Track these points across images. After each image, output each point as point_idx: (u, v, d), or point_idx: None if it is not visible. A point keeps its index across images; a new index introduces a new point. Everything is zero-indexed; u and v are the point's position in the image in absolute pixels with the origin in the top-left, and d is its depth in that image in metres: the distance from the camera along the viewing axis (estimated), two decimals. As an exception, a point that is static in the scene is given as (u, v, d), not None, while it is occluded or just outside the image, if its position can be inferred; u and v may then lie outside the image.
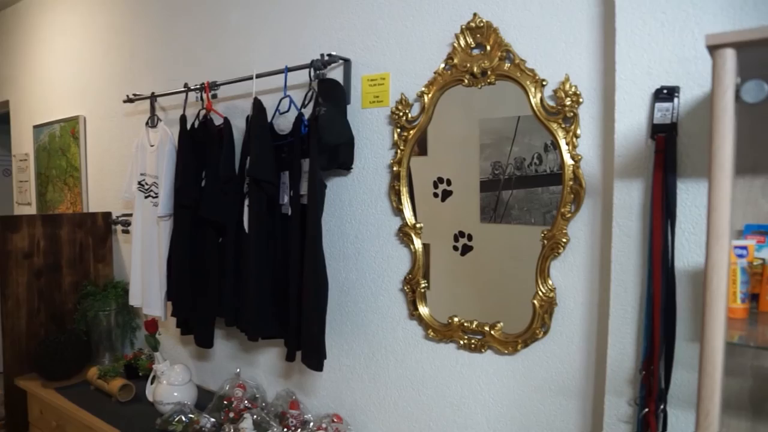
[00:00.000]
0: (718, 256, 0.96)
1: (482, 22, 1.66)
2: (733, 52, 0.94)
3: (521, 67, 1.59)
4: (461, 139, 1.77)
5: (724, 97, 0.94)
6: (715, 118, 0.94)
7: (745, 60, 0.97)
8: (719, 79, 0.94)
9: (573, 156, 1.52)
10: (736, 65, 0.94)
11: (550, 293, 1.58)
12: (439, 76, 1.76)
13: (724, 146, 0.94)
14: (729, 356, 1.33)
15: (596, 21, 1.51)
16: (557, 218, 1.55)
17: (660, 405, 1.36)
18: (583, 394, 1.59)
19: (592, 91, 1.51)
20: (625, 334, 1.42)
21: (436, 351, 1.87)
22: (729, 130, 0.94)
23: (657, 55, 1.35)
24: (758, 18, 1.26)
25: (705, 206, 1.02)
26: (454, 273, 1.82)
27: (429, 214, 1.85)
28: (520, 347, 1.66)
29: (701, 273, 1.00)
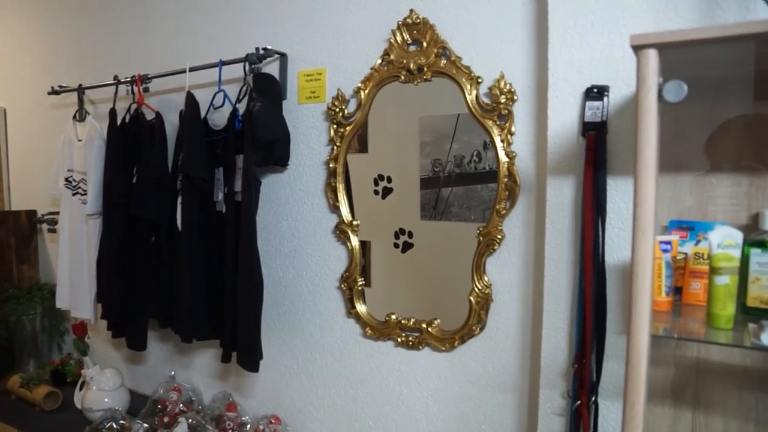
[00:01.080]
0: (643, 251, 0.98)
1: (419, 19, 1.66)
2: (655, 52, 0.96)
3: (457, 64, 1.60)
4: (401, 136, 1.76)
5: (648, 96, 0.96)
6: (640, 116, 0.96)
7: (668, 61, 0.99)
8: (643, 78, 0.96)
9: (508, 153, 1.54)
10: (659, 66, 0.97)
11: (486, 289, 1.60)
12: (375, 72, 1.74)
13: (648, 144, 0.96)
14: (654, 348, 1.37)
15: (530, 20, 1.53)
16: (492, 215, 1.57)
17: (591, 397, 1.39)
18: (519, 388, 1.61)
19: (527, 89, 1.53)
20: (559, 328, 1.45)
21: (374, 349, 1.86)
22: (653, 128, 0.96)
23: (588, 55, 1.38)
24: (680, 22, 1.30)
25: (632, 202, 1.04)
26: (395, 270, 1.81)
27: (370, 212, 1.84)
28: (457, 344, 1.67)
29: (629, 268, 1.02)
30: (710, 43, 0.95)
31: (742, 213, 1.29)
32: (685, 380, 1.36)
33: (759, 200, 1.27)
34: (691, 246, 1.28)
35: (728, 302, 1.11)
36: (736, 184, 1.29)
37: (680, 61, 1.08)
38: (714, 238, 1.14)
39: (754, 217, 1.26)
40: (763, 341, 1.03)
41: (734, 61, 1.16)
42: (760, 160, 1.27)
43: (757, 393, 1.30)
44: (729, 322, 1.12)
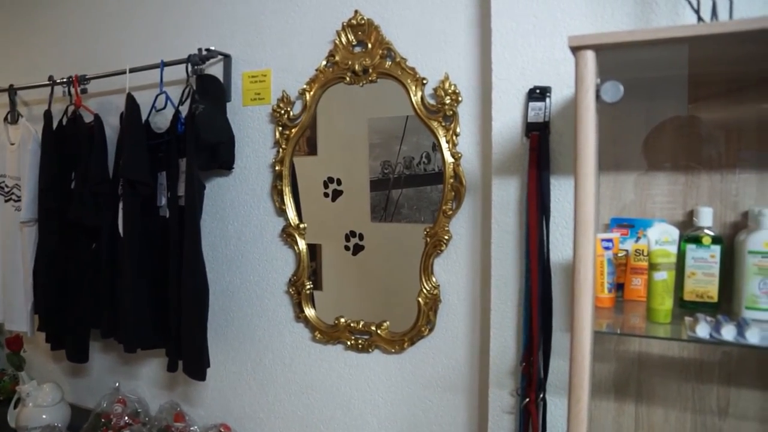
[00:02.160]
0: (585, 249, 0.99)
1: (363, 20, 1.65)
2: (592, 53, 0.97)
3: (402, 66, 1.60)
4: (351, 138, 1.75)
5: (586, 97, 0.98)
6: (579, 116, 0.98)
7: (607, 63, 1.01)
8: (581, 79, 0.98)
9: (453, 154, 1.55)
10: (597, 67, 0.98)
11: (434, 290, 1.60)
12: (320, 74, 1.73)
13: (587, 144, 0.98)
14: (598, 343, 1.40)
15: (474, 22, 1.54)
16: (439, 216, 1.57)
17: (540, 394, 1.41)
18: (468, 388, 1.62)
19: (471, 90, 1.54)
20: (506, 327, 1.47)
21: (323, 353, 1.84)
22: (591, 128, 0.98)
23: (530, 57, 1.40)
24: (617, 25, 1.34)
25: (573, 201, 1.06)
26: (346, 273, 1.80)
27: (320, 214, 1.82)
28: (406, 345, 1.67)
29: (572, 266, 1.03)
30: (643, 46, 0.97)
31: (679, 210, 1.33)
32: (628, 374, 1.40)
33: (694, 197, 1.32)
34: (631, 243, 1.31)
35: (666, 297, 1.15)
36: (673, 183, 1.33)
37: (618, 63, 1.10)
38: (652, 235, 1.17)
39: (689, 213, 1.31)
40: (699, 333, 1.07)
41: (669, 64, 1.20)
42: (694, 159, 1.32)
43: (694, 383, 1.35)
44: (667, 317, 1.15)
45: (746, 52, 1.09)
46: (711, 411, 1.34)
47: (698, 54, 1.09)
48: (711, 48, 1.03)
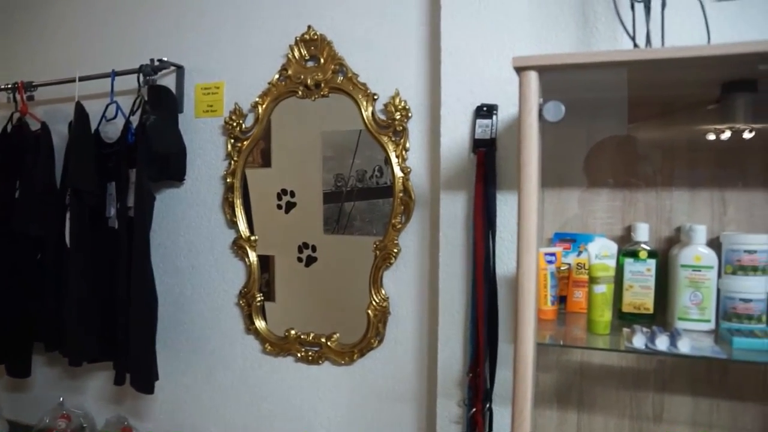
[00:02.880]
0: (527, 263, 1.03)
1: (316, 35, 1.67)
2: (535, 74, 1.02)
3: (354, 81, 1.62)
4: (304, 151, 1.76)
5: (530, 115, 1.02)
6: (522, 134, 1.02)
7: (552, 83, 1.05)
8: (524, 98, 1.02)
9: (403, 169, 1.58)
10: (540, 86, 1.03)
11: (384, 302, 1.62)
12: (273, 87, 1.74)
13: (530, 161, 1.02)
14: (542, 355, 1.44)
15: (424, 40, 1.58)
16: (388, 229, 1.60)
17: (486, 404, 1.44)
18: (417, 398, 1.64)
19: (421, 107, 1.58)
20: (453, 338, 1.50)
21: (274, 365, 1.83)
22: (534, 145, 1.02)
23: (478, 75, 1.45)
24: (561, 48, 1.39)
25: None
26: (298, 284, 1.80)
27: (273, 226, 1.82)
28: (356, 357, 1.68)
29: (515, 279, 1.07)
30: (583, 68, 1.02)
31: (618, 225, 1.39)
32: (570, 384, 1.44)
33: (631, 214, 1.38)
34: (573, 257, 1.36)
35: (605, 309, 1.19)
36: (612, 199, 1.39)
37: (564, 84, 1.15)
38: (592, 249, 1.22)
39: (627, 229, 1.36)
40: (635, 344, 1.11)
41: (611, 86, 1.25)
42: (631, 177, 1.38)
43: (632, 391, 1.40)
44: (606, 328, 1.19)
45: (677, 77, 1.16)
46: (647, 417, 1.40)
47: (637, 77, 1.14)
48: (646, 72, 1.09)
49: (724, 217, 1.33)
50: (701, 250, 1.23)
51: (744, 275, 1.22)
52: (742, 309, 1.22)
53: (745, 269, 1.22)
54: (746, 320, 1.22)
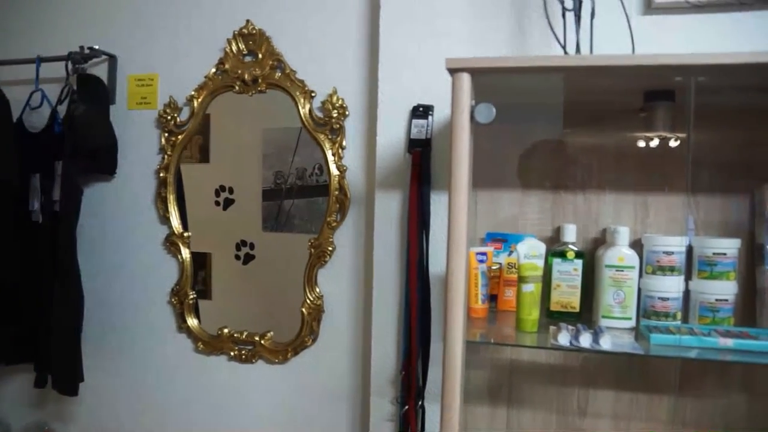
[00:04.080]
0: (457, 262, 1.05)
1: (255, 30, 1.65)
2: (468, 76, 1.04)
3: (291, 78, 1.61)
4: (244, 147, 1.74)
5: (461, 117, 1.03)
6: (453, 135, 1.03)
7: (489, 86, 1.08)
8: (457, 99, 1.04)
9: (339, 167, 1.58)
10: (473, 89, 1.04)
11: (318, 301, 1.62)
12: (210, 81, 1.71)
13: (460, 161, 1.04)
14: (474, 353, 1.47)
15: (363, 40, 1.59)
16: (323, 227, 1.60)
17: (418, 402, 1.45)
18: (351, 396, 1.65)
19: (358, 105, 1.58)
20: (387, 337, 1.51)
21: (207, 364, 1.80)
22: (465, 146, 1.04)
23: (415, 76, 1.46)
24: (496, 52, 1.42)
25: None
26: (236, 282, 1.78)
27: (210, 223, 1.79)
28: (290, 355, 1.67)
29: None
30: (515, 72, 1.05)
31: (547, 226, 1.43)
32: (501, 380, 1.48)
33: (560, 215, 1.42)
34: (504, 257, 1.39)
35: (533, 308, 1.22)
36: (543, 201, 1.43)
37: (501, 87, 1.18)
38: (521, 249, 1.25)
39: (557, 230, 1.41)
40: (560, 341, 1.15)
41: (545, 91, 1.29)
42: (561, 180, 1.42)
43: (559, 387, 1.45)
44: (534, 326, 1.23)
45: (606, 85, 1.20)
46: (572, 411, 1.45)
47: (569, 84, 1.18)
48: (577, 78, 1.13)
49: (647, 220, 1.40)
50: (624, 251, 1.29)
51: (662, 275, 1.28)
52: (660, 307, 1.28)
53: (663, 269, 1.28)
54: (664, 317, 1.28)
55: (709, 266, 1.29)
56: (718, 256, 1.29)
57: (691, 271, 1.32)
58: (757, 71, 0.97)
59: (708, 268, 1.29)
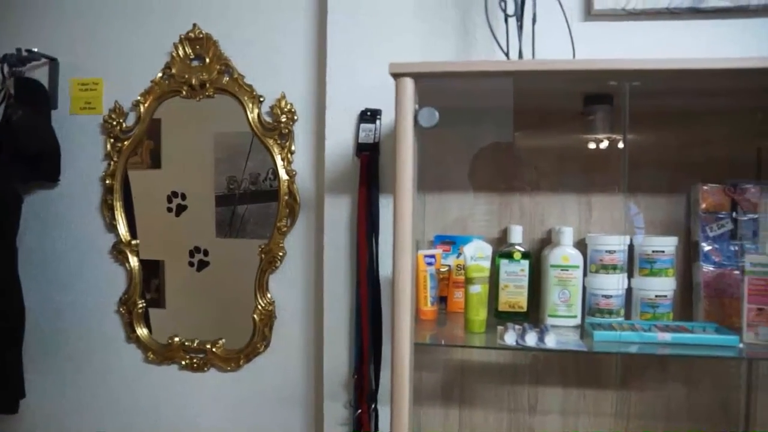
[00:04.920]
0: (403, 265, 1.06)
1: (202, 34, 1.63)
2: (411, 80, 1.05)
3: (240, 82, 1.60)
4: (196, 153, 1.71)
5: (405, 121, 1.04)
6: (398, 139, 1.04)
7: (430, 89, 1.09)
8: (400, 104, 1.05)
9: (288, 171, 1.58)
10: (416, 93, 1.06)
11: (270, 306, 1.61)
12: (156, 86, 1.68)
13: (405, 165, 1.05)
14: (424, 354, 1.49)
15: (311, 44, 1.59)
16: (274, 232, 1.59)
17: (371, 404, 1.46)
18: (305, 401, 1.64)
19: (307, 110, 1.58)
20: (339, 341, 1.51)
21: (157, 374, 1.76)
22: (409, 150, 1.05)
23: (362, 80, 1.47)
24: (442, 57, 1.45)
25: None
26: (189, 290, 1.74)
27: (162, 230, 1.75)
28: (242, 362, 1.65)
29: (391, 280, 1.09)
30: (457, 76, 1.07)
31: (495, 228, 1.46)
32: (452, 381, 1.49)
33: (507, 217, 1.45)
34: (453, 259, 1.41)
35: (481, 309, 1.24)
36: (490, 203, 1.46)
37: (451, 91, 1.20)
38: (467, 251, 1.27)
39: (504, 231, 1.43)
40: (507, 341, 1.17)
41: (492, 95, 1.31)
42: (508, 182, 1.45)
43: (509, 386, 1.48)
44: (482, 327, 1.25)
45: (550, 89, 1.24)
46: (523, 409, 1.48)
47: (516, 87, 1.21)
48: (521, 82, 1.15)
49: (590, 220, 1.44)
50: (569, 250, 1.32)
51: (606, 273, 1.32)
52: (603, 304, 1.32)
53: (606, 268, 1.32)
54: (607, 315, 1.32)
55: (649, 263, 1.34)
56: (657, 253, 1.33)
57: (633, 268, 1.36)
58: (687, 76, 1.01)
59: (648, 265, 1.34)
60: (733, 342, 1.17)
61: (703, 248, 1.35)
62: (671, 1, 1.36)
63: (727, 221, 1.34)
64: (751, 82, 1.10)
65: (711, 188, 1.35)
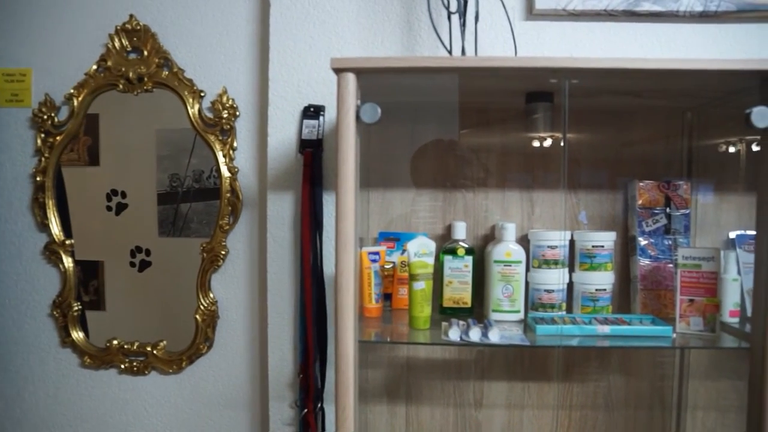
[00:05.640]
0: (346, 261, 1.04)
1: (139, 25, 1.57)
2: (353, 76, 1.03)
3: (179, 77, 1.55)
4: (136, 149, 1.65)
5: (347, 116, 1.03)
6: (340, 134, 1.03)
7: (372, 86, 1.08)
8: (342, 99, 1.03)
9: (230, 168, 1.55)
10: (358, 88, 1.05)
11: (212, 306, 1.57)
12: (91, 79, 1.61)
13: (347, 161, 1.03)
14: (370, 352, 1.48)
15: (253, 38, 1.56)
16: (216, 231, 1.55)
17: (317, 404, 1.44)
18: (250, 403, 1.61)
19: (249, 106, 1.55)
20: (284, 340, 1.49)
21: (95, 379, 1.69)
22: (351, 146, 1.03)
23: (306, 76, 1.45)
24: (385, 52, 1.44)
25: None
26: (131, 291, 1.68)
27: (101, 229, 1.68)
28: (185, 364, 1.61)
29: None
30: (399, 72, 1.06)
31: (439, 224, 1.46)
32: (398, 378, 1.50)
33: (451, 213, 1.46)
34: (398, 255, 1.41)
35: (425, 305, 1.25)
36: (434, 199, 1.46)
37: (396, 88, 1.19)
38: (411, 248, 1.27)
39: (448, 228, 1.44)
40: (450, 337, 1.18)
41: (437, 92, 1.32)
42: (452, 178, 1.46)
43: (455, 381, 1.49)
44: (426, 323, 1.25)
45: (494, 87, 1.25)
46: (469, 404, 1.49)
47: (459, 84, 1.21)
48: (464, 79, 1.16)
49: (532, 216, 1.46)
50: (511, 246, 1.34)
51: (548, 268, 1.35)
52: (546, 299, 1.34)
53: (548, 263, 1.35)
54: (549, 309, 1.34)
55: (589, 258, 1.37)
56: (597, 248, 1.37)
57: (574, 263, 1.39)
58: (620, 75, 1.03)
59: (588, 260, 1.37)
60: (667, 332, 1.21)
61: (640, 242, 1.39)
62: (609, 3, 1.40)
63: (661, 216, 1.39)
64: (681, 82, 1.14)
65: (647, 185, 1.39)
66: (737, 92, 1.18)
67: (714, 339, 1.20)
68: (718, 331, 1.20)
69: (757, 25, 1.42)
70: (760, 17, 1.40)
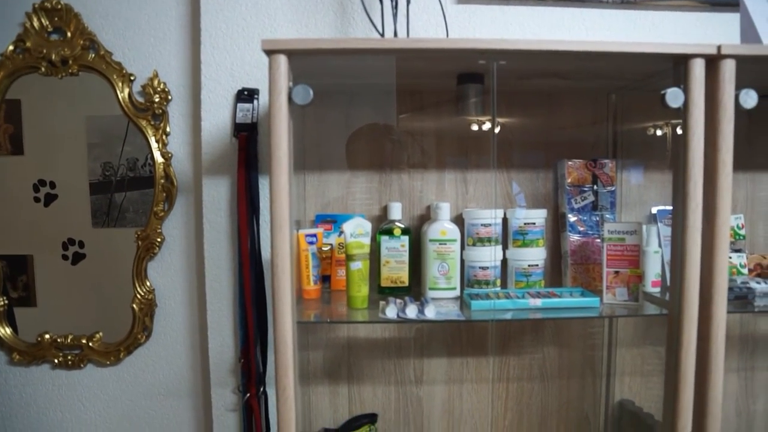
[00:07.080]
0: (281, 244, 1.05)
1: (60, 5, 1.51)
2: (285, 57, 1.03)
3: (107, 60, 1.50)
4: (65, 137, 1.58)
5: (279, 99, 1.03)
6: (272, 117, 1.03)
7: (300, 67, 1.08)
8: (274, 81, 1.03)
9: (164, 154, 1.51)
10: (289, 70, 1.04)
11: (149, 295, 1.55)
12: (8, 60, 1.53)
13: (280, 144, 1.03)
14: (311, 333, 1.49)
15: (184, 20, 1.52)
16: (150, 218, 1.52)
17: (260, 388, 1.45)
18: (192, 390, 1.60)
19: (182, 89, 1.52)
20: (223, 326, 1.48)
21: (27, 376, 1.64)
22: (284, 128, 1.03)
23: (239, 58, 1.43)
24: (318, 34, 1.44)
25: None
26: (64, 284, 1.62)
27: (29, 222, 1.61)
28: (123, 355, 1.58)
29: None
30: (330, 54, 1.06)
31: (375, 206, 1.48)
32: (339, 359, 1.51)
33: (387, 194, 1.48)
34: (335, 237, 1.42)
35: (362, 285, 1.26)
36: (370, 181, 1.48)
37: (331, 70, 1.19)
38: (347, 228, 1.29)
39: (384, 209, 1.46)
40: (388, 315, 1.20)
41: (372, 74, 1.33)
42: (387, 160, 1.48)
43: (395, 359, 1.52)
44: (364, 302, 1.27)
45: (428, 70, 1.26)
46: (410, 381, 1.53)
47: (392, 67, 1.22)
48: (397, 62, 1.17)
49: (466, 196, 1.50)
50: (446, 225, 1.37)
51: (482, 246, 1.39)
52: (481, 275, 1.38)
53: (482, 240, 1.39)
54: (485, 285, 1.38)
55: (522, 235, 1.42)
56: (529, 225, 1.41)
57: (507, 240, 1.44)
58: (547, 57, 1.07)
59: (521, 237, 1.42)
60: (594, 303, 1.27)
61: (569, 219, 1.45)
62: (538, -14, 1.44)
63: (589, 193, 1.45)
64: (603, 66, 1.18)
65: (575, 163, 1.44)
66: (654, 75, 1.24)
67: (637, 308, 1.27)
68: (641, 300, 1.27)
69: (672, 12, 1.49)
70: (675, 6, 1.48)
